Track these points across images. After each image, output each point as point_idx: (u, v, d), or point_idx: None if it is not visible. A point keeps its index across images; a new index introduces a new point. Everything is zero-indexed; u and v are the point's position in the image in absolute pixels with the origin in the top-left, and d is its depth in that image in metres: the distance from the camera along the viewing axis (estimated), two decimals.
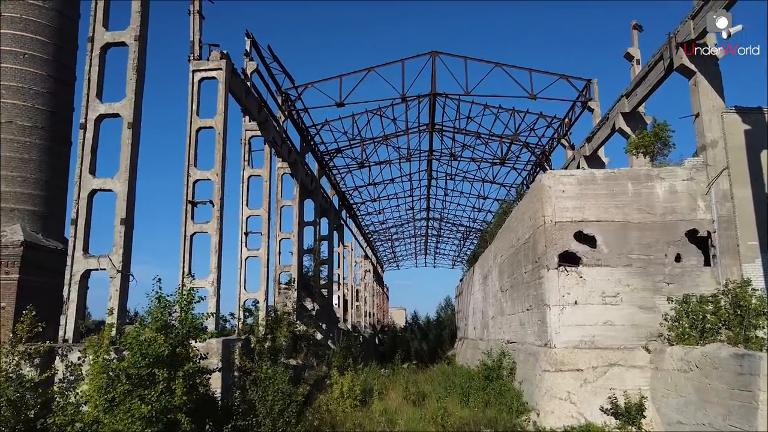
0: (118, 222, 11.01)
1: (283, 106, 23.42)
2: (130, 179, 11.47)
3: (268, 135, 18.71)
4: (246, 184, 18.45)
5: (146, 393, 7.49)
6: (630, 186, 13.39)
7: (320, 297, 27.15)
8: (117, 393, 7.46)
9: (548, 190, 13.59)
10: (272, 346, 15.15)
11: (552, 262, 13.23)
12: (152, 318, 8.30)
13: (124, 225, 10.96)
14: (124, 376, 7.64)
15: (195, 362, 8.64)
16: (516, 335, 17.45)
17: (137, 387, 7.57)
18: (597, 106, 22.61)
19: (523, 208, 16.16)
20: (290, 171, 22.83)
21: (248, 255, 17.99)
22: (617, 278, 12.97)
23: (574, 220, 13.36)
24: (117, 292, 10.46)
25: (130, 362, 7.72)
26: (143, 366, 7.63)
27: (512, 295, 18.40)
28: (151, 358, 7.66)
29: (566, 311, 12.94)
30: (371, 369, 20.99)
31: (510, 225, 18.75)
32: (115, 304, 10.22)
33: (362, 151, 31.90)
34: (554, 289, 13.11)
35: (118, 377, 7.71)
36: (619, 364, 12.41)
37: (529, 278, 15.27)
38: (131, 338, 7.99)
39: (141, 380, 7.66)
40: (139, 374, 7.65)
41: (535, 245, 14.43)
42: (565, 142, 27.06)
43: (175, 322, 8.61)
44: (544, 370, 12.87)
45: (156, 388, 7.53)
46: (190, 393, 8.05)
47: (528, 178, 35.47)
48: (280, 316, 17.84)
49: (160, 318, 8.23)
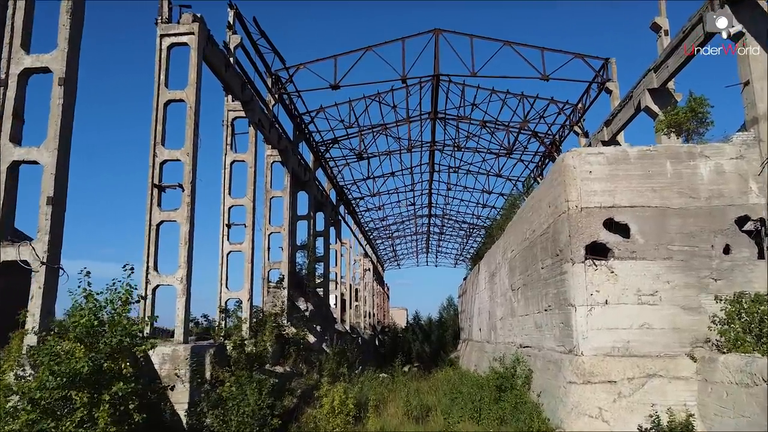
0: (44, 202, 8.95)
1: (273, 89, 21.50)
2: (60, 148, 9.39)
3: (253, 116, 16.77)
4: (228, 171, 16.51)
5: (58, 425, 5.57)
6: (669, 165, 11.44)
7: (315, 296, 25.23)
8: (17, 425, 5.53)
9: (572, 171, 11.64)
10: (254, 352, 13.23)
11: (578, 255, 11.29)
12: (72, 322, 6.37)
13: (51, 205, 8.93)
14: (27, 401, 5.70)
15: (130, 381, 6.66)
16: (530, 339, 15.51)
17: (46, 416, 5.65)
18: (616, 87, 20.65)
19: (540, 195, 14.21)
20: (280, 159, 20.91)
21: (231, 249, 16.07)
22: (655, 273, 11.03)
23: (603, 205, 11.42)
24: (40, 289, 8.30)
25: (37, 383, 5.78)
26: (55, 387, 5.69)
27: (525, 294, 16.46)
28: (65, 376, 5.73)
29: (595, 312, 11.01)
30: (368, 376, 19.08)
31: (523, 216, 16.81)
32: (36, 306, 8.10)
33: (360, 141, 29.95)
34: (581, 286, 11.17)
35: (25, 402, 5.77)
36: (659, 375, 10.48)
37: (548, 274, 13.33)
38: (44, 351, 6.05)
39: (51, 407, 5.73)
40: (51, 398, 5.72)
41: (555, 236, 12.49)
42: (578, 129, 25.09)
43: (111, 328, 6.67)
44: (569, 382, 10.93)
45: (72, 418, 5.61)
46: (123, 422, 6.11)
47: (536, 170, 33.53)
48: (266, 317, 15.91)
49: (83, 323, 6.30)
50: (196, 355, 10.97)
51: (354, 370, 20.49)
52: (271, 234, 20.65)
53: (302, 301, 23.83)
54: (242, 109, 16.67)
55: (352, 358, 20.36)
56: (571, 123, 25.46)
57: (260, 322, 15.25)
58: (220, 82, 15.51)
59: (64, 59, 9.78)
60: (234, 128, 16.98)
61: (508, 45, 21.42)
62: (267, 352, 14.80)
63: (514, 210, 28.05)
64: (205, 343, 11.68)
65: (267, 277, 20.08)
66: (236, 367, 11.64)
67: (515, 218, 18.63)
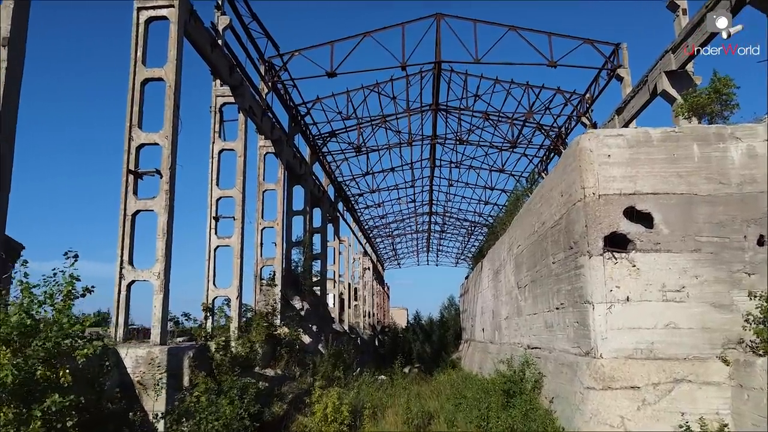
0: None
1: (266, 76, 20.44)
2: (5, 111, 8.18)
3: (243, 102, 15.71)
4: (216, 160, 15.44)
5: None
6: (696, 148, 10.37)
7: (311, 295, 24.17)
8: None
9: (589, 155, 10.57)
10: (241, 354, 12.17)
11: (595, 247, 10.21)
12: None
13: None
14: None
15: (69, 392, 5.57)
16: (540, 340, 14.44)
17: None
18: (627, 73, 19.57)
19: (551, 184, 13.14)
20: (274, 150, 19.85)
21: (219, 244, 15.01)
22: (681, 267, 9.96)
23: (623, 192, 10.35)
24: None
25: None
26: None
27: (534, 292, 15.39)
28: None
29: (615, 310, 9.93)
30: (366, 379, 18.02)
31: (531, 208, 15.74)
32: None
33: (359, 134, 28.90)
34: (599, 281, 10.10)
35: None
36: (688, 380, 9.42)
37: (560, 269, 12.26)
38: None
39: None
40: None
41: (569, 227, 11.41)
42: (585, 120, 24.02)
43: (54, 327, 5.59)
44: (587, 387, 9.86)
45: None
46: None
47: (540, 165, 32.46)
48: (256, 317, 14.85)
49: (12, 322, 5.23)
50: (174, 357, 9.90)
51: (351, 373, 19.43)
52: (264, 229, 19.59)
53: (297, 300, 22.77)
54: (231, 94, 15.61)
55: (349, 359, 19.29)
56: (579, 114, 24.40)
57: (249, 322, 14.19)
58: (206, 63, 14.45)
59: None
60: (222, 115, 15.92)
61: (513, 30, 20.37)
62: (256, 354, 13.74)
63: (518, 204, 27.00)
64: (184, 344, 10.63)
65: (259, 274, 19.02)
66: (219, 371, 10.59)
67: (522, 211, 17.56)
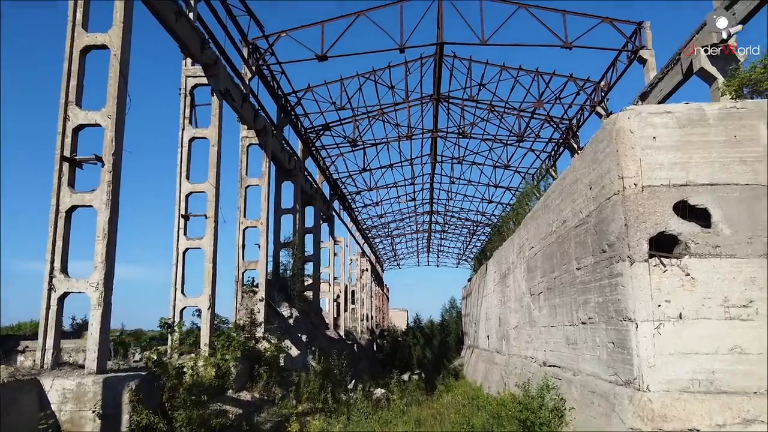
0: None
1: (249, 60, 18.43)
2: None
3: (217, 83, 13.70)
4: (186, 149, 13.39)
5: None
6: (763, 128, 8.36)
7: (302, 301, 22.17)
8: None
9: (630, 137, 8.55)
10: (205, 377, 10.17)
11: (638, 251, 8.20)
12: None
13: None
14: None
15: None
16: (560, 358, 12.42)
17: None
18: (651, 55, 17.56)
19: (575, 174, 11.10)
20: (258, 141, 17.85)
21: (188, 246, 13.00)
22: (748, 276, 7.95)
23: (672, 183, 8.34)
24: None
25: None
26: None
27: (551, 301, 13.38)
28: None
29: (666, 330, 7.92)
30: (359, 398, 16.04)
31: (548, 204, 13.72)
32: None
33: (354, 127, 26.87)
34: (643, 294, 8.09)
35: None
36: (760, 420, 7.41)
37: (588, 277, 10.24)
38: None
39: None
40: None
41: (602, 226, 9.40)
42: (601, 110, 22.01)
43: None
44: (631, 428, 7.84)
45: None
46: None
47: (548, 160, 30.47)
48: (230, 330, 12.85)
49: None
50: (110, 391, 7.89)
51: (343, 390, 17.43)
52: (246, 229, 17.59)
53: (286, 306, 20.77)
54: (204, 74, 13.61)
55: (340, 375, 17.27)
56: (593, 103, 22.37)
57: (221, 337, 12.19)
58: (172, 38, 12.45)
59: None
60: (194, 98, 13.93)
61: (524, 8, 18.34)
62: (229, 375, 11.74)
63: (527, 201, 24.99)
64: (124, 374, 8.58)
65: (241, 279, 17.02)
66: (172, 404, 8.59)
67: (535, 208, 15.53)
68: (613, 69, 20.10)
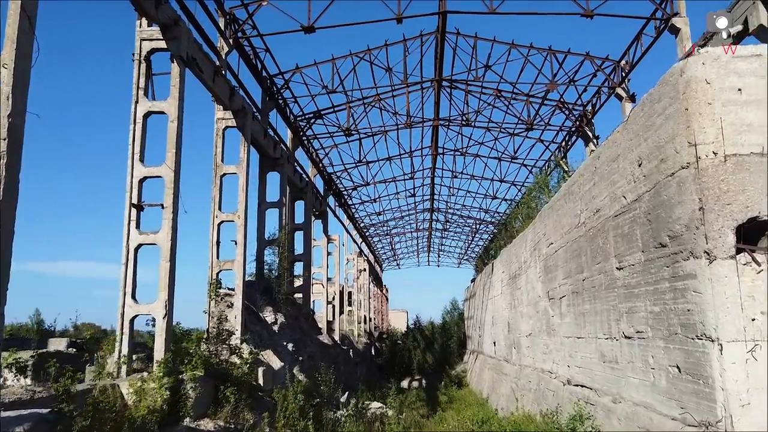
0: None
1: (227, 32, 16.19)
2: None
3: (178, 48, 11.47)
4: (140, 125, 11.03)
5: None
6: None
7: (289, 305, 19.93)
8: None
9: (706, 90, 6.32)
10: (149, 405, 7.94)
11: (721, 245, 5.97)
12: None
13: None
14: None
15: None
16: (591, 377, 10.18)
17: None
18: (685, 23, 15.34)
19: (616, 150, 8.83)
20: (236, 123, 15.63)
21: (141, 242, 10.73)
22: None
23: (766, 151, 6.11)
24: None
25: None
26: None
27: (578, 307, 11.15)
28: None
29: (761, 355, 5.69)
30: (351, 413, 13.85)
31: (573, 191, 11.48)
32: None
33: (349, 114, 24.62)
34: (730, 303, 5.86)
35: None
36: None
37: (636, 278, 7.99)
38: None
39: None
40: None
41: (660, 212, 7.15)
42: (621, 91, 19.77)
43: None
44: None
45: None
46: None
47: (558, 152, 28.21)
48: (190, 342, 10.61)
49: None
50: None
51: (332, 407, 15.19)
52: (222, 223, 15.35)
53: (270, 311, 18.54)
54: (162, 37, 11.38)
55: (329, 390, 15.02)
56: (612, 84, 20.12)
57: (178, 352, 9.95)
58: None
59: None
60: (151, 66, 11.68)
61: None
62: (185, 400, 9.49)
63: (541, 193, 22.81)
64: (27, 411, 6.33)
65: (215, 281, 14.78)
66: None
67: (557, 197, 13.29)
68: (637, 43, 17.84)
